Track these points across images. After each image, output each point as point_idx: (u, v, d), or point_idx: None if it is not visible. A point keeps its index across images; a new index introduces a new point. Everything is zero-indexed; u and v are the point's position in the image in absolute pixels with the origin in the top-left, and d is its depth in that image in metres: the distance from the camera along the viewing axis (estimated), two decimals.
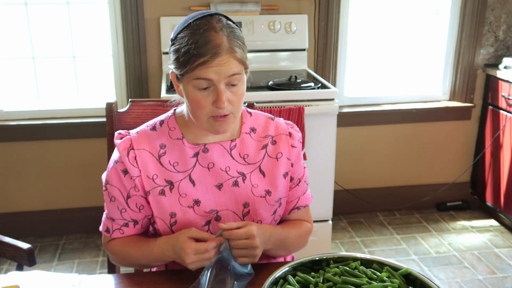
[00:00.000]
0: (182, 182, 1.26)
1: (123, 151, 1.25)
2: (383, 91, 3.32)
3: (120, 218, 1.29)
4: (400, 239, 3.07)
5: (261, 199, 1.29)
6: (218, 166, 1.27)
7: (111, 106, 1.57)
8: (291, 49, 2.98)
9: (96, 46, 3.00)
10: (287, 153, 1.32)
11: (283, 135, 1.33)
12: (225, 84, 1.16)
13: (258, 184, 1.29)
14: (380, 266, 1.08)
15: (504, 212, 3.15)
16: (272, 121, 1.36)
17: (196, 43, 1.13)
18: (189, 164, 1.26)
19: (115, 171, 1.26)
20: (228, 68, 1.14)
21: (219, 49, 1.13)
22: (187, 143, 1.27)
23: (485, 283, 2.63)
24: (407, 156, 3.36)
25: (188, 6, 2.87)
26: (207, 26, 1.15)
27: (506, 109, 3.08)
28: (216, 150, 1.27)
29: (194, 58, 1.13)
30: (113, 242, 1.31)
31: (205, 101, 1.17)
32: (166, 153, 1.27)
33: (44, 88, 3.02)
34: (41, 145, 2.97)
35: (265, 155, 1.31)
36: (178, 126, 1.28)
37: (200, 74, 1.14)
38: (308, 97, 2.46)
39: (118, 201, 1.27)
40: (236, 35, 1.18)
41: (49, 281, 1.22)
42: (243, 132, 1.31)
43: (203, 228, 1.27)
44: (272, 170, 1.31)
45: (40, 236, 3.08)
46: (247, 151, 1.30)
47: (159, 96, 2.72)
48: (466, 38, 3.20)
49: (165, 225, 1.26)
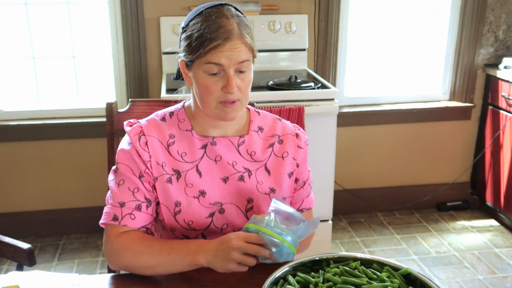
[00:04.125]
0: (189, 172, 1.27)
1: (134, 136, 1.26)
2: (383, 91, 3.32)
3: (132, 199, 1.24)
4: (400, 239, 3.07)
5: (265, 196, 1.31)
6: (225, 159, 1.29)
7: (111, 106, 1.58)
8: (291, 49, 2.98)
9: (96, 46, 3.00)
10: (293, 153, 1.35)
11: (289, 135, 1.36)
12: (234, 70, 1.19)
13: (263, 181, 1.31)
14: (380, 266, 1.08)
15: (504, 212, 3.15)
16: (279, 121, 1.39)
17: (209, 28, 1.17)
18: (197, 155, 1.28)
19: (127, 153, 1.26)
20: (239, 54, 1.18)
21: (231, 34, 1.17)
22: (196, 135, 1.29)
23: (485, 283, 2.63)
24: (407, 156, 3.36)
25: (188, 6, 2.87)
26: (218, 13, 1.19)
27: (506, 109, 3.08)
28: (224, 144, 1.30)
29: (207, 42, 1.16)
30: (126, 234, 1.23)
31: (214, 86, 1.19)
32: (175, 143, 1.28)
33: (44, 88, 3.02)
34: (41, 145, 2.97)
35: (271, 153, 1.34)
36: (187, 118, 1.31)
37: (211, 59, 1.17)
38: (308, 97, 2.46)
39: (130, 180, 1.25)
40: (245, 24, 1.23)
41: (49, 281, 1.22)
42: (251, 129, 1.34)
43: (206, 220, 1.28)
44: (278, 168, 1.33)
45: (40, 236, 3.08)
46: (254, 148, 1.32)
47: (159, 96, 2.72)
48: (466, 38, 3.20)
49: (169, 213, 1.27)
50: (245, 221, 1.31)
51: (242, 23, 1.21)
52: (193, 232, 1.29)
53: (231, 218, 1.30)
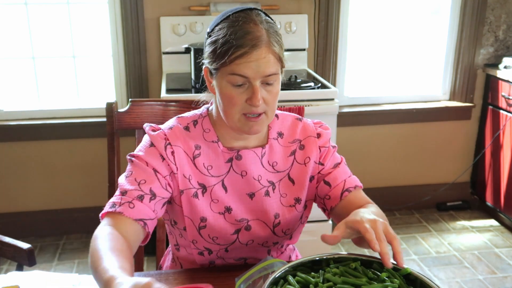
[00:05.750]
0: (215, 187, 1.22)
1: (160, 143, 1.19)
2: (383, 91, 3.32)
3: (136, 189, 1.14)
4: (400, 239, 3.07)
5: (291, 208, 1.26)
6: (251, 174, 1.23)
7: (111, 106, 1.57)
8: (291, 49, 2.98)
9: (96, 46, 3.00)
10: (315, 156, 1.28)
11: (311, 138, 1.29)
12: (260, 82, 1.12)
13: (287, 194, 1.26)
14: (380, 266, 1.08)
15: (504, 212, 3.15)
16: (299, 122, 1.31)
17: (235, 34, 1.09)
18: (223, 169, 1.22)
19: (152, 150, 1.18)
20: (266, 66, 1.10)
21: (258, 41, 1.09)
22: (222, 147, 1.22)
23: (485, 283, 2.63)
24: (407, 156, 3.36)
25: (188, 6, 2.87)
26: (246, 19, 1.12)
27: (506, 109, 3.08)
28: (250, 158, 1.23)
29: (232, 49, 1.08)
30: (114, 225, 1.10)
31: (238, 98, 1.12)
32: (201, 155, 1.22)
33: (44, 88, 3.02)
34: (41, 145, 2.97)
35: (293, 162, 1.27)
36: (212, 128, 1.23)
37: (236, 69, 1.09)
38: (308, 97, 2.46)
39: (140, 171, 1.16)
40: (275, 30, 1.15)
41: (49, 281, 1.22)
42: (270, 138, 1.26)
43: (231, 236, 1.24)
44: (301, 176, 1.27)
45: (40, 236, 3.08)
46: (275, 158, 1.26)
47: (159, 96, 2.72)
48: (466, 38, 3.20)
49: (193, 226, 1.22)
50: (272, 236, 1.26)
51: (271, 30, 1.13)
52: (217, 246, 1.24)
53: (257, 233, 1.26)
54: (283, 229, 1.27)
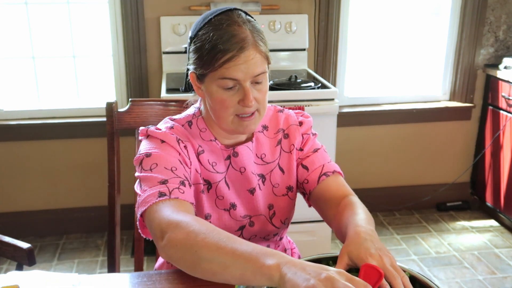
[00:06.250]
0: (220, 184, 1.23)
1: (171, 138, 1.16)
2: (383, 91, 3.32)
3: (174, 176, 1.10)
4: (400, 239, 3.06)
5: (283, 197, 1.28)
6: (249, 170, 1.25)
7: (111, 105, 1.57)
8: (291, 49, 2.98)
9: (96, 46, 3.00)
10: (298, 143, 1.30)
11: (293, 126, 1.31)
12: (250, 82, 1.12)
13: (279, 183, 1.28)
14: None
15: (504, 212, 3.15)
16: (281, 113, 1.33)
17: (221, 38, 1.08)
18: (224, 166, 1.24)
19: (165, 145, 1.15)
20: (255, 66, 1.10)
21: (245, 43, 1.09)
22: (220, 145, 1.23)
23: (485, 283, 2.63)
24: (407, 156, 3.36)
25: (188, 6, 2.87)
26: (229, 21, 1.11)
27: (506, 109, 3.08)
28: (245, 154, 1.24)
29: (220, 54, 1.08)
30: (181, 205, 1.06)
31: (230, 101, 1.13)
32: (205, 152, 1.22)
33: (44, 87, 3.02)
34: (41, 145, 2.97)
35: (281, 151, 1.29)
36: (207, 127, 1.23)
37: (226, 73, 1.09)
38: (308, 97, 2.46)
39: (165, 160, 1.12)
40: (258, 29, 1.14)
41: (49, 281, 1.21)
42: (256, 131, 1.28)
43: (236, 233, 1.25)
44: (289, 165, 1.29)
45: (40, 236, 3.08)
46: (263, 150, 1.28)
47: (159, 95, 2.72)
48: (466, 38, 3.20)
49: None
50: (272, 229, 1.28)
51: (255, 29, 1.13)
52: None
53: (260, 228, 1.28)
54: (281, 219, 1.29)
